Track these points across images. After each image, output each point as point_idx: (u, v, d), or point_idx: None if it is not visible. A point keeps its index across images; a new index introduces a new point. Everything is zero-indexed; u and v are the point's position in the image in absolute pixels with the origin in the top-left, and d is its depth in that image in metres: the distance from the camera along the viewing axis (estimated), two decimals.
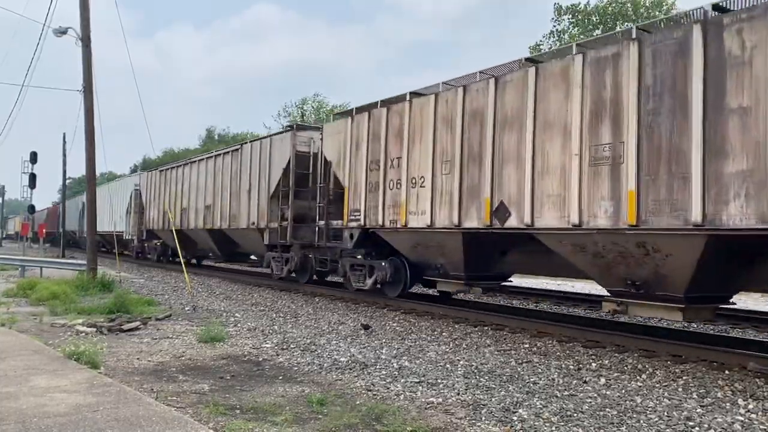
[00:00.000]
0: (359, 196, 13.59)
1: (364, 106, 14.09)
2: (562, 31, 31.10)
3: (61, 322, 10.60)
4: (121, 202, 32.41)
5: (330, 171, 14.85)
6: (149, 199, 27.87)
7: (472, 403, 6.03)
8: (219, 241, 21.81)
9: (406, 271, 13.14)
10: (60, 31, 17.06)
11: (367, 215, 13.30)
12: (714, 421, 5.54)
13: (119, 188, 33.74)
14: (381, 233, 13.17)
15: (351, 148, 13.94)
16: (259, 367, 7.55)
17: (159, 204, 26.34)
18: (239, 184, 19.46)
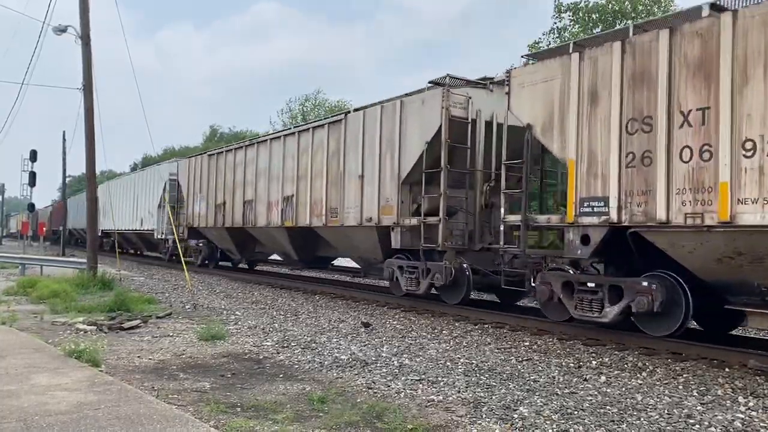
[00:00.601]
0: (603, 176, 8.90)
1: (601, 35, 10.10)
2: (562, 28, 31.08)
3: (61, 320, 10.60)
4: (149, 196, 27.35)
5: (530, 140, 10.05)
6: (193, 191, 22.88)
7: (472, 401, 6.04)
8: (300, 242, 17.04)
9: (688, 301, 8.38)
10: (60, 30, 17.03)
11: (624, 205, 8.61)
12: (714, 419, 5.55)
13: (147, 179, 28.11)
14: (653, 235, 8.39)
15: (578, 101, 9.26)
16: (259, 365, 7.56)
17: (208, 196, 21.35)
18: (343, 168, 14.34)
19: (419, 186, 12.36)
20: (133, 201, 29.78)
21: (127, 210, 30.97)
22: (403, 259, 12.84)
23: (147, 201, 27.58)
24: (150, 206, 27.06)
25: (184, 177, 23.80)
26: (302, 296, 15.30)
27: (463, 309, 12.25)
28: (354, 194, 13.98)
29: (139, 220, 28.53)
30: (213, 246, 22.88)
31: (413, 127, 12.45)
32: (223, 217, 20.08)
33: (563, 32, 31.12)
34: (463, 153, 12.02)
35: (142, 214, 27.92)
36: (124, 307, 11.83)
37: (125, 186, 32.50)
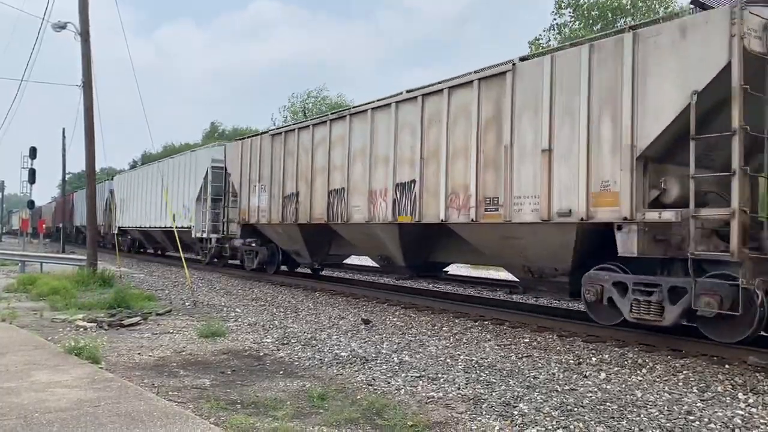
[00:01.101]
0: None
1: None
2: (562, 25, 31.06)
3: (61, 317, 10.60)
4: (184, 187, 23.36)
5: None
6: (248, 180, 18.18)
7: (472, 398, 6.04)
8: (413, 243, 13.14)
9: None
10: (59, 26, 17.02)
11: None
12: (714, 415, 5.55)
13: (181, 168, 23.97)
14: None
15: None
16: (259, 362, 7.56)
17: (271, 186, 16.90)
18: (510, 141, 10.05)
19: (660, 163, 8.57)
20: (160, 194, 25.10)
21: (151, 204, 26.93)
22: (617, 272, 8.85)
23: (180, 193, 23.51)
24: (185, 199, 23.10)
25: (235, 163, 19.09)
26: (302, 293, 15.31)
27: (463, 305, 12.25)
28: (533, 177, 9.69)
29: (168, 216, 23.89)
30: (273, 247, 18.29)
31: (664, 72, 8.21)
32: (296, 212, 15.73)
33: (563, 29, 31.10)
34: (759, 108, 7.73)
35: (174, 208, 23.53)
36: (124, 304, 11.83)
37: (148, 177, 27.95)
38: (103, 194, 35.79)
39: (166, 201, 24.00)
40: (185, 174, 23.39)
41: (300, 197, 15.58)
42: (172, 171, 24.81)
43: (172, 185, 23.99)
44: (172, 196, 23.57)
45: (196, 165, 22.50)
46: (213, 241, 21.36)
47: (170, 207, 23.51)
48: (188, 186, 22.89)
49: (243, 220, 18.47)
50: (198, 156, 22.78)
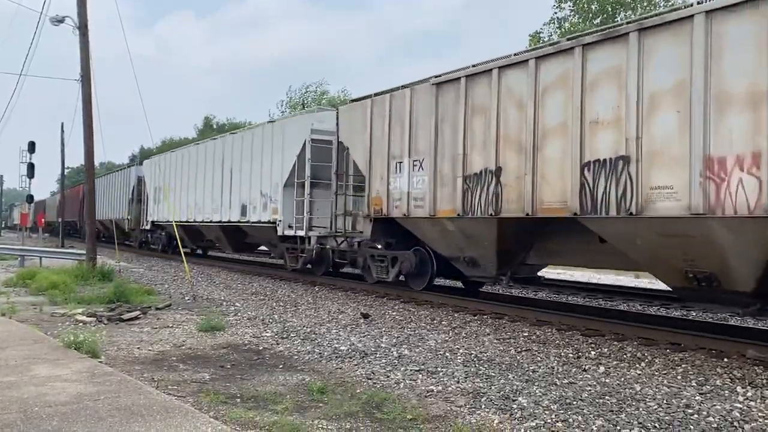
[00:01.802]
0: None
1: None
2: (562, 18, 30.96)
3: (60, 311, 10.61)
4: (262, 168, 17.60)
5: None
6: (386, 153, 12.67)
7: (471, 391, 6.06)
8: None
9: None
10: (57, 20, 16.96)
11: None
12: (713, 409, 5.56)
13: (258, 143, 18.07)
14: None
15: None
16: (259, 356, 7.57)
17: (439, 159, 11.51)
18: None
19: None
20: (220, 179, 19.96)
21: (203, 193, 21.37)
22: None
23: (256, 177, 17.88)
24: (262, 185, 17.49)
25: (358, 132, 13.51)
26: (302, 287, 15.31)
27: (463, 299, 12.27)
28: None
29: (233, 208, 18.98)
30: (423, 252, 12.63)
31: None
32: (495, 200, 10.26)
33: (564, 22, 31.00)
34: None
35: (245, 197, 18.36)
36: (123, 299, 11.84)
37: (200, 159, 22.08)
38: (127, 182, 30.19)
39: (226, 188, 19.68)
40: (264, 152, 17.54)
41: (505, 176, 10.13)
42: (240, 149, 19.04)
43: (242, 167, 18.67)
44: (242, 182, 18.51)
45: (283, 139, 16.63)
46: (312, 240, 15.57)
47: (238, 196, 18.68)
48: (270, 167, 17.15)
49: (376, 213, 12.98)
50: (287, 126, 16.80)
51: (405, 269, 12.90)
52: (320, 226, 15.63)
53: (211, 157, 21.18)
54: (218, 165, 20.42)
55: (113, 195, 33.47)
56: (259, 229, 18.12)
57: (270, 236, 17.80)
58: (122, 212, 31.05)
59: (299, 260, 16.31)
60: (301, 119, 16.75)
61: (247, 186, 18.42)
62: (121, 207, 31.38)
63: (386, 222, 13.02)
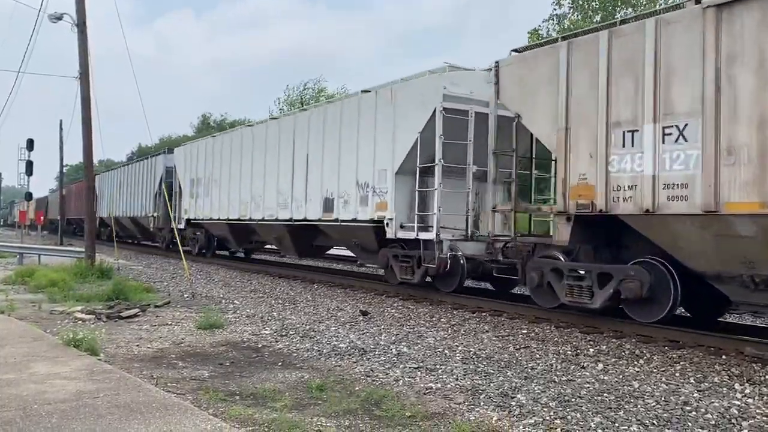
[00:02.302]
0: None
1: None
2: (562, 15, 30.93)
3: (59, 309, 10.61)
4: (351, 151, 13.81)
5: None
6: (592, 121, 8.90)
7: (470, 389, 6.07)
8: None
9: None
10: (55, 17, 16.95)
11: None
12: (711, 406, 5.58)
13: (341, 116, 14.30)
14: None
15: None
16: (258, 354, 7.58)
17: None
18: None
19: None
20: (289, 168, 15.97)
21: (261, 185, 17.32)
22: None
23: (353, 162, 13.72)
24: (363, 173, 13.42)
25: (542, 92, 9.68)
26: (300, 285, 15.32)
27: (461, 297, 12.26)
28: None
29: (311, 202, 15.08)
30: (664, 267, 8.54)
31: None
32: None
33: (563, 20, 30.98)
34: None
35: (331, 189, 14.42)
36: (122, 296, 11.84)
37: (255, 142, 17.85)
38: (152, 174, 26.26)
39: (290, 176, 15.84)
40: (363, 129, 13.48)
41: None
42: (321, 128, 14.93)
43: (325, 152, 14.69)
44: (326, 170, 14.61)
45: (395, 110, 12.51)
46: (444, 246, 11.66)
47: (319, 187, 14.76)
48: (372, 149, 13.15)
49: (581, 208, 9.11)
50: (404, 93, 12.50)
51: (629, 293, 8.58)
52: (448, 226, 11.83)
53: (274, 140, 16.79)
54: (286, 150, 16.12)
55: (134, 189, 28.81)
56: (349, 230, 14.08)
57: (365, 238, 13.83)
58: (146, 209, 26.69)
59: (415, 272, 12.22)
60: (426, 82, 12.26)
61: (333, 175, 14.34)
62: (144, 203, 26.95)
63: (592, 222, 9.19)
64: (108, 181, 34.12)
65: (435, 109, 11.58)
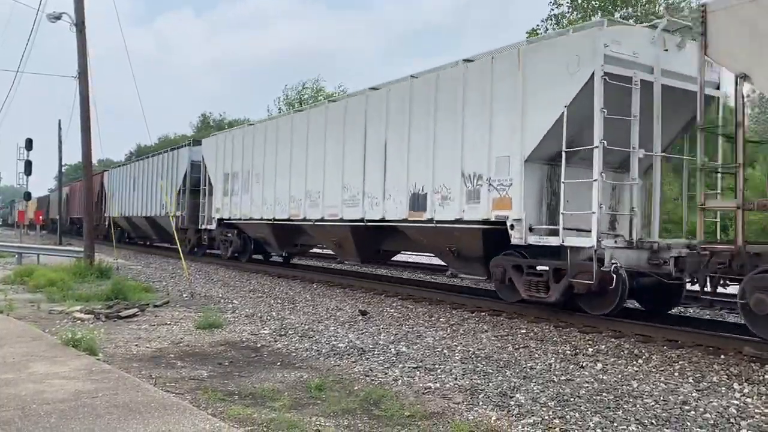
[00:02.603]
0: None
1: None
2: (560, 15, 30.91)
3: (58, 309, 10.60)
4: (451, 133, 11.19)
5: None
6: None
7: (469, 388, 6.07)
8: None
9: None
10: (54, 17, 16.93)
11: None
12: (710, 405, 5.58)
13: (436, 92, 11.53)
14: None
15: None
16: (257, 354, 7.58)
17: None
18: None
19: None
20: (359, 157, 13.43)
21: (320, 179, 14.69)
22: None
23: (457, 148, 11.08)
24: (472, 161, 10.88)
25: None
26: (299, 284, 15.32)
27: (460, 296, 12.28)
28: None
29: (393, 198, 12.50)
30: None
31: None
32: None
33: (561, 19, 30.99)
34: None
35: (423, 181, 11.76)
36: (121, 296, 11.84)
37: (311, 128, 15.27)
38: (174, 168, 23.72)
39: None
40: (470, 105, 10.84)
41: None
42: (406, 108, 12.18)
43: (411, 136, 12.02)
44: (412, 159, 12.00)
45: (524, 79, 9.92)
46: (606, 257, 8.85)
47: (404, 180, 12.14)
48: (487, 131, 10.47)
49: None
50: (538, 55, 9.88)
51: None
52: (580, 228, 9.39)
53: (337, 126, 14.16)
54: (355, 137, 13.55)
55: (151, 186, 25.84)
56: (446, 233, 11.38)
57: (467, 244, 11.09)
58: (166, 206, 23.70)
59: (552, 288, 9.55)
60: (577, 40, 9.45)
61: (424, 165, 11.68)
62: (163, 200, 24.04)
63: None
64: (119, 177, 31.12)
65: (593, 74, 8.92)
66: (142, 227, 28.22)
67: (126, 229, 31.89)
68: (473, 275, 11.76)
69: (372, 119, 13.22)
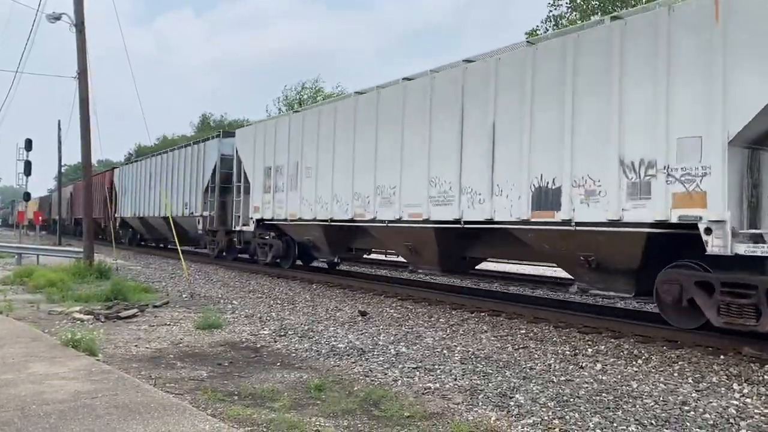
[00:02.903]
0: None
1: None
2: (559, 16, 30.92)
3: (58, 309, 10.60)
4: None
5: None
6: None
7: (469, 389, 6.07)
8: None
9: None
10: (54, 17, 16.94)
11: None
12: (709, 406, 5.58)
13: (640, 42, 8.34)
14: None
15: None
16: (257, 354, 7.58)
17: None
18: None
19: None
20: (454, 144, 11.11)
21: (396, 170, 12.40)
22: None
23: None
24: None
25: None
26: (299, 285, 15.31)
27: (460, 297, 12.28)
28: None
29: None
30: None
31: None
32: None
33: (560, 20, 31.00)
34: None
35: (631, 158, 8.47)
36: (120, 297, 11.84)
37: (381, 110, 12.95)
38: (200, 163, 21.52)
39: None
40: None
41: None
42: (525, 75, 9.84)
43: (534, 108, 9.66)
44: (530, 141, 9.70)
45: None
46: None
47: (567, 167, 9.16)
48: (684, 98, 7.93)
49: None
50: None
51: None
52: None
53: (420, 105, 11.83)
54: (446, 118, 11.21)
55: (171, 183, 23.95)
56: (585, 239, 9.04)
57: (616, 252, 8.83)
58: (191, 207, 21.75)
59: (764, 316, 7.15)
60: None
61: (558, 150, 9.24)
62: (187, 199, 22.08)
63: None
64: (132, 174, 28.96)
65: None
66: (159, 228, 25.58)
67: (139, 231, 29.62)
68: (614, 291, 9.34)
69: (472, 97, 10.83)
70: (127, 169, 30.63)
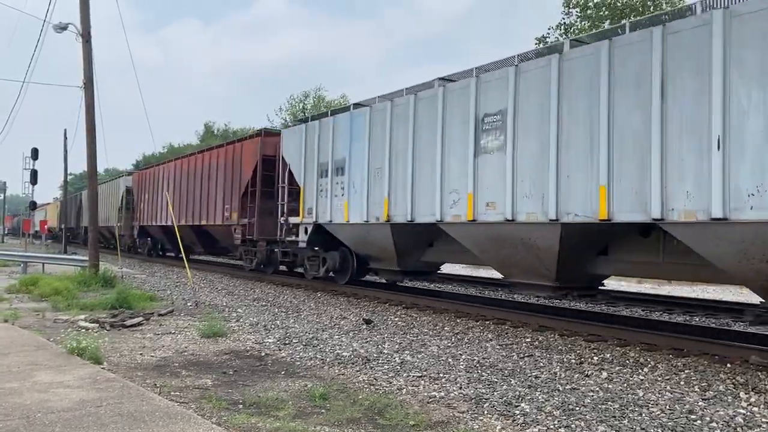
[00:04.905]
0: None
1: None
2: (569, 24, 30.90)
3: (63, 317, 10.62)
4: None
5: None
6: None
7: (474, 397, 6.04)
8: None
9: None
10: (60, 27, 17.07)
11: None
12: (716, 414, 5.55)
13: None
14: None
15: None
16: (261, 362, 7.57)
17: None
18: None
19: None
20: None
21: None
22: None
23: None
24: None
25: None
26: (304, 293, 15.31)
27: (465, 305, 12.25)
28: None
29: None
30: None
31: None
32: None
33: (570, 28, 31.06)
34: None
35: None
36: (125, 305, 11.86)
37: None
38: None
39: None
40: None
41: None
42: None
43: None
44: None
45: None
46: None
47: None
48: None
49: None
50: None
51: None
52: None
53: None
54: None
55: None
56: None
57: None
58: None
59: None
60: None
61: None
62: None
63: None
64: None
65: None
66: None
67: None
68: None
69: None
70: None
